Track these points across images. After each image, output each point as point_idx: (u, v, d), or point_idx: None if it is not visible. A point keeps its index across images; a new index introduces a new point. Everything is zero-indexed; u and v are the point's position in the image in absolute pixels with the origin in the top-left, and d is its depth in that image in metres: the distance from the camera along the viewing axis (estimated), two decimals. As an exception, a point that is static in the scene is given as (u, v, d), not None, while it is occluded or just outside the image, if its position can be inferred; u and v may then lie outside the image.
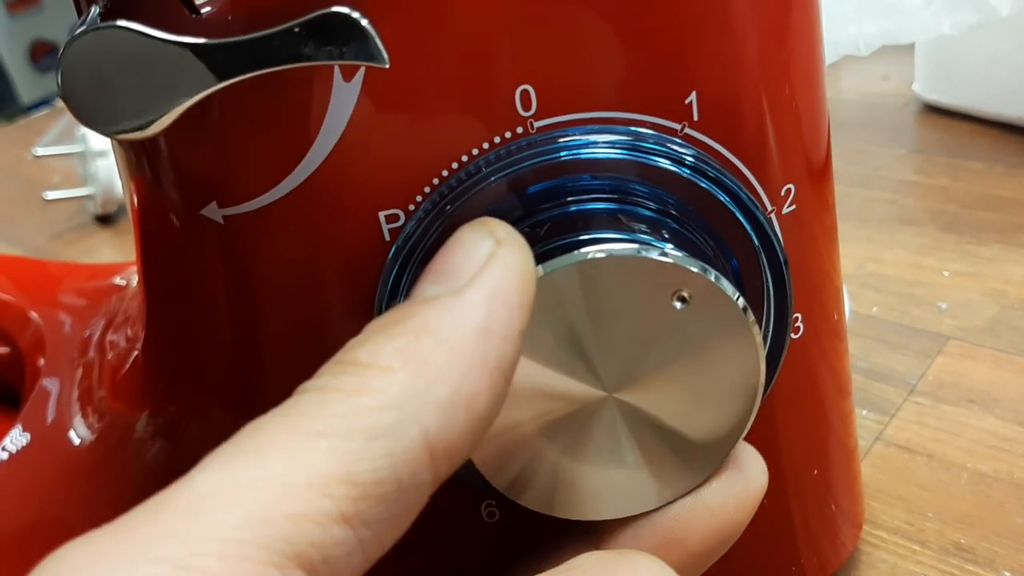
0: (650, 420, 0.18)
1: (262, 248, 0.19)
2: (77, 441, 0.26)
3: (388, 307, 0.19)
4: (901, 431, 0.32)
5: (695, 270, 0.17)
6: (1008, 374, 0.33)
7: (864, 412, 0.32)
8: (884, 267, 0.41)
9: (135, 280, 0.31)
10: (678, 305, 0.18)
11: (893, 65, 0.62)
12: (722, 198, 0.19)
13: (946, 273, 0.40)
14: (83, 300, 0.32)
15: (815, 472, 0.23)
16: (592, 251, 0.17)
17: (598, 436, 0.18)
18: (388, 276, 0.19)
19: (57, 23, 1.44)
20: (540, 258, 0.17)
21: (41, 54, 1.45)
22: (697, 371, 0.18)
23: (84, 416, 0.27)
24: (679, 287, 0.17)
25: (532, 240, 0.18)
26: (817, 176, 0.21)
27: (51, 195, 0.55)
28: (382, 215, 0.19)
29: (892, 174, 0.50)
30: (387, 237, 0.19)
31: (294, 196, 0.19)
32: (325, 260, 0.19)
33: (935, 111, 0.56)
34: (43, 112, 0.75)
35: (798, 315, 0.21)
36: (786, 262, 0.20)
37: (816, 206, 0.21)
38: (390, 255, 0.19)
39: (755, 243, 0.20)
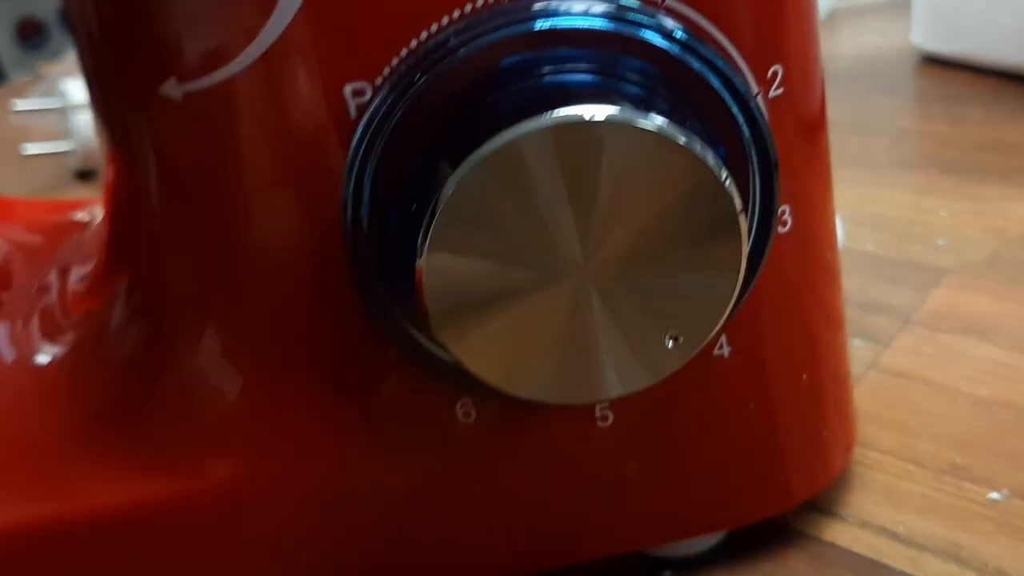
0: (624, 300, 0.17)
1: (223, 126, 0.18)
2: (46, 360, 0.25)
3: (355, 186, 0.18)
4: (896, 359, 0.31)
5: (681, 140, 0.16)
6: (1008, 304, 0.32)
7: (858, 342, 0.32)
8: (881, 207, 0.41)
9: (99, 215, 0.30)
10: (658, 180, 0.17)
11: (891, 21, 0.61)
12: (711, 79, 0.18)
13: (944, 212, 0.39)
14: (40, 237, 0.31)
15: (804, 377, 0.22)
16: (569, 113, 0.16)
17: (569, 315, 0.17)
18: (355, 155, 0.18)
19: (47, 1, 1.42)
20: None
21: (30, 32, 1.44)
22: (675, 249, 0.17)
23: (50, 339, 0.26)
24: (662, 159, 0.16)
25: (504, 114, 0.17)
26: (805, 58, 0.20)
27: (30, 149, 0.54)
28: (348, 89, 0.18)
29: (890, 122, 0.50)
30: (353, 113, 0.18)
31: (255, 68, 0.18)
32: (288, 138, 0.18)
33: (933, 62, 0.55)
34: (26, 78, 0.74)
35: (785, 208, 0.20)
36: (775, 152, 0.19)
37: (805, 90, 0.20)
38: (357, 133, 0.18)
39: (743, 131, 0.19)
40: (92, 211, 0.32)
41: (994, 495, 0.25)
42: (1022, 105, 0.48)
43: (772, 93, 0.20)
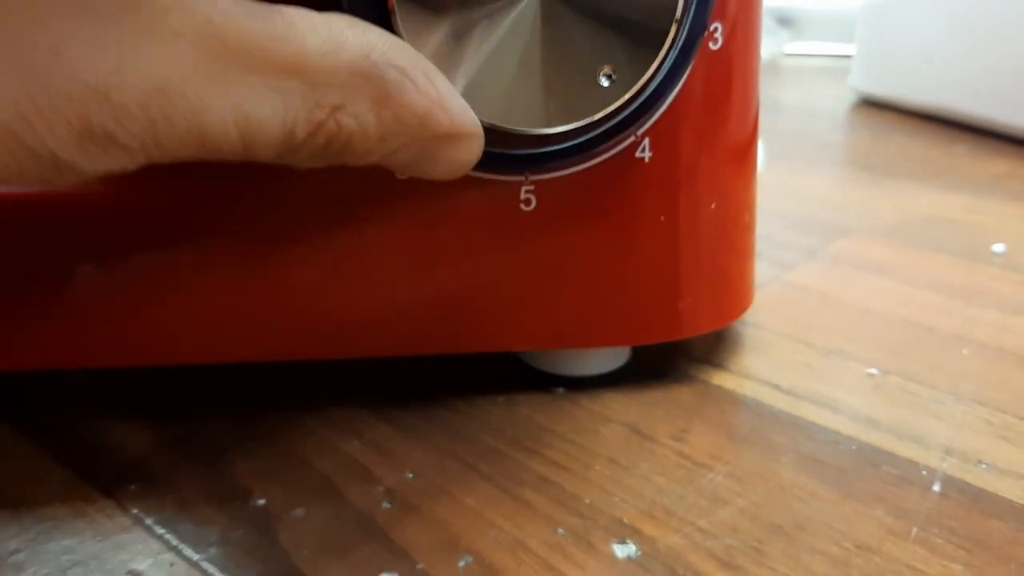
0: (570, 27, 0.19)
1: None
2: None
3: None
4: (798, 277, 0.33)
5: None
6: (905, 256, 0.35)
7: (764, 265, 0.34)
8: (801, 187, 0.43)
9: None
10: None
11: (835, 71, 0.65)
12: None
13: (858, 194, 0.42)
14: None
15: (713, 206, 0.24)
16: None
17: (521, 37, 0.19)
18: None
19: None
20: None
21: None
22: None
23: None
24: None
25: None
26: None
27: None
28: None
29: (821, 137, 0.53)
30: None
31: None
32: None
33: (869, 104, 0.59)
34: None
35: (717, 25, 0.22)
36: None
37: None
38: None
39: None
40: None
41: (872, 371, 0.27)
42: (941, 137, 0.51)
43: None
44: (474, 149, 0.18)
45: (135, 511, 0.21)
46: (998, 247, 0.35)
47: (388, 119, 0.16)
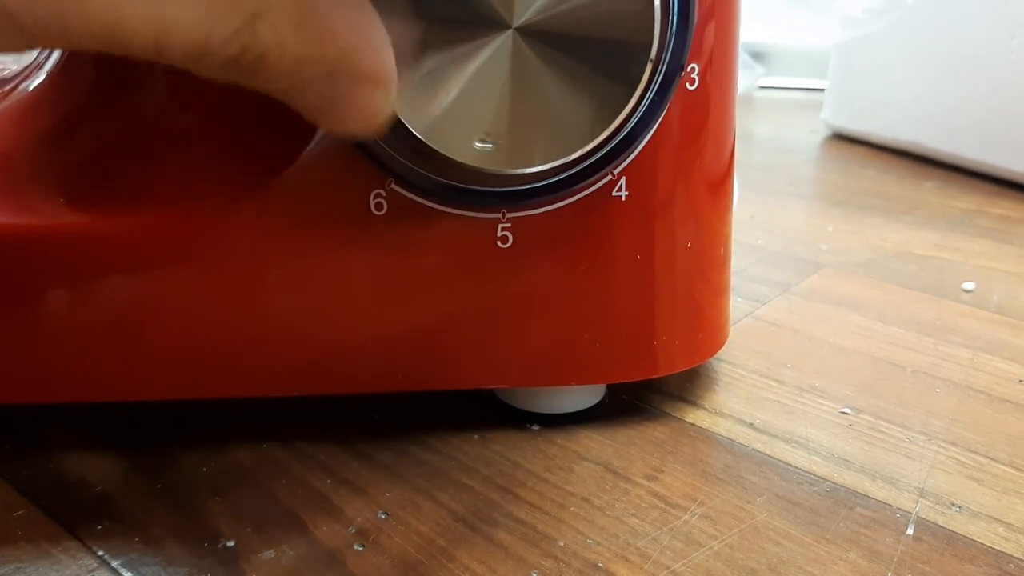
0: (548, 64, 0.19)
1: None
2: (28, 87, 0.25)
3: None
4: (771, 313, 0.33)
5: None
6: (875, 292, 0.35)
7: (738, 299, 0.34)
8: (773, 219, 0.43)
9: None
10: None
11: (807, 106, 0.66)
12: None
13: (830, 229, 0.42)
14: None
15: (688, 244, 0.24)
16: None
17: (499, 75, 0.19)
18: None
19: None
20: None
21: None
22: (594, 21, 0.19)
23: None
24: None
25: None
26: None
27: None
28: None
29: (793, 170, 0.53)
30: None
31: None
32: None
33: (841, 138, 0.59)
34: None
35: (694, 65, 0.22)
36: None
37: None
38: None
39: None
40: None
41: (846, 410, 0.27)
42: (911, 173, 0.52)
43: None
44: (388, 100, 0.16)
45: (100, 552, 0.20)
46: (968, 284, 0.36)
47: (308, 41, 0.15)
